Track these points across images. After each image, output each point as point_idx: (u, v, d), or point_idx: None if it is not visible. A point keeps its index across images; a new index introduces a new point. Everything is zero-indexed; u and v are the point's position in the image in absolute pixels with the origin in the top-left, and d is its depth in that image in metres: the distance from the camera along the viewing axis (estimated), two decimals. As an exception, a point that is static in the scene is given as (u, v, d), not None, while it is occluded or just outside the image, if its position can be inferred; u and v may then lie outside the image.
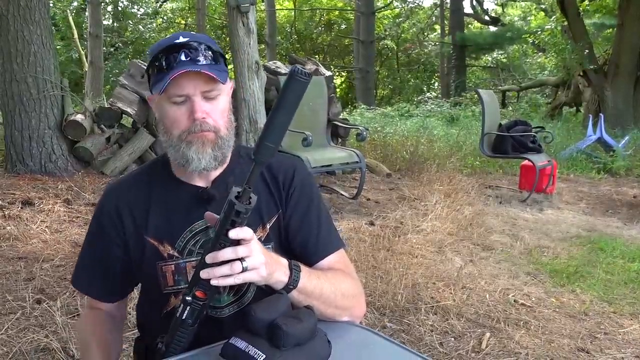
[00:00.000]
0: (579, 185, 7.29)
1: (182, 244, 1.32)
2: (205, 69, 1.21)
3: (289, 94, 1.00)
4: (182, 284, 1.32)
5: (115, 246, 1.36)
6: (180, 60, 1.21)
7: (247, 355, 1.06)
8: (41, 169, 5.37)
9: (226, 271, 1.08)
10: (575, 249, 4.53)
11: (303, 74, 0.98)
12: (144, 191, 1.36)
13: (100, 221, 1.39)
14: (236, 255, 1.08)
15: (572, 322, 3.21)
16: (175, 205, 1.34)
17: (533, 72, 20.98)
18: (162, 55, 1.23)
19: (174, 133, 1.28)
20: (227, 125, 1.31)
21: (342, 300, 1.32)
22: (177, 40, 1.24)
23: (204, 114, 1.24)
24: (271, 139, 1.02)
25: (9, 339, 2.70)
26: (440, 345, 2.89)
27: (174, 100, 1.24)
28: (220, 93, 1.28)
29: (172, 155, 1.31)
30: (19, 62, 5.29)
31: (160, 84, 1.22)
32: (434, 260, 4.04)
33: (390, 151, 7.73)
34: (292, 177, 1.39)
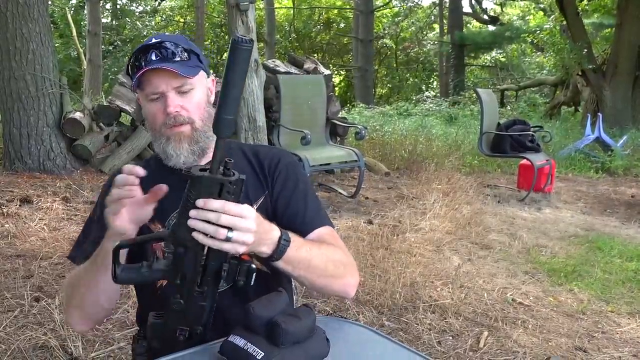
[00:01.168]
0: (577, 184, 7.30)
1: (171, 223, 1.37)
2: (172, 65, 1.29)
3: (236, 64, 0.99)
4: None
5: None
6: (150, 59, 1.30)
7: (246, 352, 1.06)
8: (40, 167, 5.37)
9: (209, 229, 1.05)
10: (573, 248, 4.53)
11: (244, 41, 0.98)
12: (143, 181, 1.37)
13: (100, 209, 1.38)
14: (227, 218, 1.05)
15: (569, 321, 3.22)
16: (168, 198, 1.33)
17: (532, 71, 21.01)
18: (137, 56, 1.33)
19: (155, 128, 1.37)
20: (203, 118, 1.37)
21: (333, 269, 1.32)
22: (150, 42, 1.33)
23: (176, 108, 1.33)
24: (227, 111, 1.02)
25: (7, 336, 2.70)
26: (439, 344, 2.89)
27: (151, 97, 1.34)
28: (194, 87, 1.35)
29: (156, 149, 1.40)
30: (17, 60, 5.29)
31: (134, 81, 1.33)
32: (432, 259, 4.04)
33: (389, 150, 7.74)
34: (277, 161, 1.45)
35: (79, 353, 2.60)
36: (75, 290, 1.35)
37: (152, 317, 1.21)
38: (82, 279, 1.32)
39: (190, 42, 1.40)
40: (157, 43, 1.32)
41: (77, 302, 1.35)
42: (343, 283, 1.36)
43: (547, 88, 17.41)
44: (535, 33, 16.88)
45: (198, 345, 1.20)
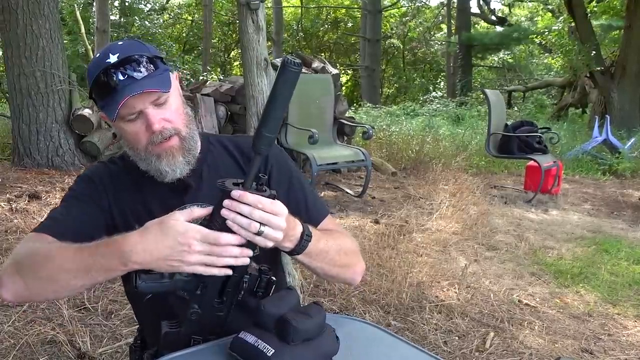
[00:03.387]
0: (584, 186, 7.28)
1: None
2: (147, 85, 1.21)
3: (282, 84, 1.01)
4: None
5: (100, 212, 1.33)
6: (119, 81, 1.21)
7: (257, 349, 1.07)
8: (48, 163, 5.40)
9: (242, 221, 1.06)
10: (579, 250, 4.52)
11: (294, 64, 0.99)
12: (124, 178, 1.37)
13: (87, 186, 1.36)
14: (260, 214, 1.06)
15: (576, 323, 3.21)
16: (152, 198, 1.36)
17: (539, 72, 20.94)
18: (101, 79, 1.23)
19: (139, 147, 1.29)
20: (186, 122, 1.31)
21: (346, 259, 1.35)
22: (108, 60, 1.22)
23: (161, 123, 1.25)
24: (269, 128, 1.03)
25: (16, 331, 2.72)
26: (445, 344, 2.89)
27: (128, 119, 1.25)
28: (169, 95, 1.27)
29: (144, 167, 1.32)
30: (27, 56, 5.31)
31: (109, 110, 1.22)
32: (438, 259, 4.04)
33: (396, 150, 7.71)
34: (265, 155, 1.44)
35: (87, 348, 2.62)
36: (44, 265, 1.15)
37: (167, 326, 1.20)
38: (66, 263, 1.13)
39: (145, 45, 1.31)
40: (118, 61, 1.22)
41: (39, 275, 1.15)
42: (353, 271, 1.39)
43: (555, 89, 17.34)
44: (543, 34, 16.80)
45: (209, 342, 1.21)
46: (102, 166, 1.42)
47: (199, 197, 1.34)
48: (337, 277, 1.38)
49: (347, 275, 1.39)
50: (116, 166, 1.40)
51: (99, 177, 1.37)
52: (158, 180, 1.33)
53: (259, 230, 1.06)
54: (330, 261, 1.30)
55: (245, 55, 2.95)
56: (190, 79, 12.18)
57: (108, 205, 1.34)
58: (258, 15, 2.80)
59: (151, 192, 1.35)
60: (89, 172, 1.40)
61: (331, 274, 1.34)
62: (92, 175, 1.38)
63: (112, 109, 1.21)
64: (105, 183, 1.35)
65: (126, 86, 1.20)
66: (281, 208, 1.10)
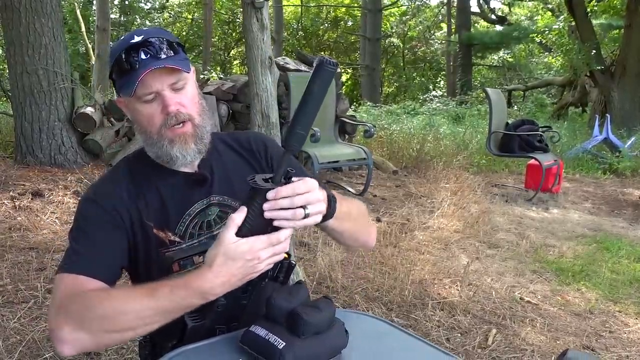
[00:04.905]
0: (585, 185, 7.29)
1: (183, 229, 1.34)
2: (168, 62, 1.23)
3: (317, 83, 1.03)
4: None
5: (120, 233, 1.30)
6: (142, 59, 1.22)
7: (267, 342, 1.08)
8: (51, 161, 5.40)
9: (287, 215, 1.09)
10: (580, 248, 4.53)
11: (331, 63, 1.00)
12: (132, 184, 1.34)
13: (100, 209, 1.30)
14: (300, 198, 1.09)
15: (577, 320, 3.23)
16: (168, 193, 1.35)
17: (539, 72, 20.93)
18: (122, 58, 1.24)
19: (152, 130, 1.29)
20: (200, 112, 1.32)
21: (363, 218, 1.42)
22: (133, 40, 1.24)
23: (176, 106, 1.26)
24: (302, 126, 1.05)
25: (22, 327, 2.73)
26: (447, 340, 2.91)
27: (145, 99, 1.25)
28: (187, 82, 1.28)
29: (154, 153, 1.33)
30: (30, 54, 5.31)
31: (128, 86, 1.23)
32: (440, 257, 4.05)
33: (397, 148, 7.72)
34: (262, 143, 1.47)
35: (93, 345, 2.63)
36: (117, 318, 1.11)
37: (191, 320, 1.20)
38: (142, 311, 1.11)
39: (170, 33, 1.34)
40: (142, 41, 1.24)
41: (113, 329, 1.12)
42: (370, 232, 1.46)
43: (555, 89, 17.37)
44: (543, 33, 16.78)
45: (219, 336, 1.22)
46: (108, 180, 1.37)
47: (213, 190, 1.37)
48: (360, 239, 1.41)
49: (367, 237, 1.44)
50: (116, 181, 1.35)
51: (106, 196, 1.31)
52: (172, 170, 1.33)
53: (305, 214, 1.10)
54: (355, 221, 1.34)
55: (249, 54, 2.96)
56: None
57: (122, 220, 1.30)
58: (262, 14, 2.81)
59: (166, 190, 1.35)
60: (95, 194, 1.33)
61: (356, 235, 1.38)
62: (100, 194, 1.32)
63: (131, 84, 1.21)
64: (115, 199, 1.30)
65: (148, 63, 1.22)
66: (312, 182, 1.12)
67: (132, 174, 1.35)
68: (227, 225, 1.09)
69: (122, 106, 1.35)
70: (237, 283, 1.11)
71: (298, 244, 3.98)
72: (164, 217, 1.32)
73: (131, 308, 1.11)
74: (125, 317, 1.11)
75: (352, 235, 1.36)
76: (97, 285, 1.21)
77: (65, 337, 1.11)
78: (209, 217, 1.36)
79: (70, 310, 1.13)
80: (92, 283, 1.21)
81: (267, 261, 1.11)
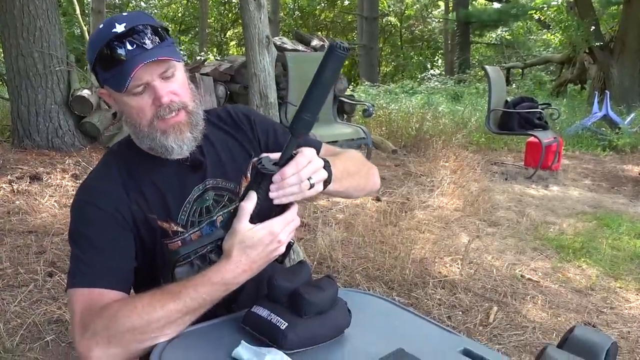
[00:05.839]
0: (585, 162, 7.28)
1: (185, 218, 1.31)
2: (158, 53, 1.17)
3: (327, 68, 1.00)
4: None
5: (125, 233, 1.25)
6: (128, 50, 1.16)
7: (270, 323, 1.08)
8: (48, 144, 5.37)
9: (295, 190, 1.09)
10: (581, 225, 4.54)
11: (342, 48, 0.98)
12: (127, 178, 1.29)
13: (96, 213, 1.23)
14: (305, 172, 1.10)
15: (578, 297, 3.24)
16: (164, 183, 1.30)
17: (538, 49, 20.81)
18: (106, 50, 1.17)
19: (142, 123, 1.23)
20: (192, 97, 1.28)
21: (362, 167, 1.41)
22: (115, 30, 1.17)
23: (169, 96, 1.21)
24: (309, 111, 1.03)
25: (22, 310, 2.74)
26: (448, 318, 2.92)
27: (134, 92, 1.20)
28: (176, 68, 1.23)
29: (147, 145, 1.27)
30: (24, 37, 5.25)
31: (116, 80, 1.17)
32: (440, 235, 4.05)
33: (396, 128, 7.68)
34: (243, 113, 1.45)
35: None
36: (146, 329, 1.09)
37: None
38: (170, 316, 1.09)
39: (150, 16, 1.26)
40: (126, 30, 1.17)
41: (144, 338, 1.09)
42: (372, 176, 1.46)
43: (554, 66, 17.22)
44: (541, 10, 16.67)
45: (222, 317, 1.20)
46: (102, 178, 1.29)
47: (207, 174, 1.34)
48: (365, 188, 1.43)
49: (371, 184, 1.45)
50: (109, 176, 1.29)
51: (104, 196, 1.25)
52: (164, 159, 1.28)
53: (311, 185, 1.10)
54: (354, 175, 1.34)
55: (246, 33, 2.93)
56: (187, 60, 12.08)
57: (125, 220, 1.25)
58: (259, -8, 2.78)
59: (162, 179, 1.30)
60: (92, 196, 1.26)
61: (360, 187, 1.39)
62: (97, 195, 1.25)
63: (122, 79, 1.16)
64: (113, 199, 1.25)
65: (136, 55, 1.15)
66: (311, 152, 1.12)
67: (124, 168, 1.30)
68: (239, 215, 1.09)
69: (106, 98, 1.28)
70: (259, 268, 1.12)
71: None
72: (165, 208, 1.29)
73: (158, 315, 1.09)
74: (155, 324, 1.09)
75: (355, 189, 1.37)
76: (115, 296, 1.17)
77: (99, 358, 1.09)
78: (206, 202, 1.33)
79: (96, 329, 1.09)
80: (109, 295, 1.17)
81: (286, 241, 1.13)
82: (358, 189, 1.39)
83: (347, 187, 1.31)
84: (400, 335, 1.18)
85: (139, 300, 1.13)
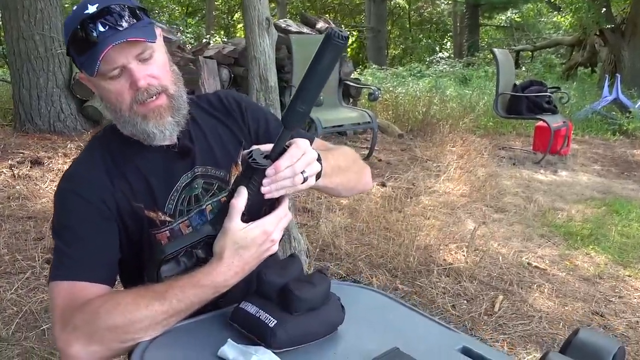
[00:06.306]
0: (594, 146, 7.21)
1: (172, 206, 1.26)
2: (131, 34, 1.12)
3: (324, 57, 0.94)
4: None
5: (109, 223, 1.21)
6: (100, 32, 1.11)
7: (258, 320, 1.04)
8: (50, 128, 5.33)
9: (287, 184, 1.05)
10: (589, 212, 4.49)
11: (340, 37, 0.92)
12: (111, 165, 1.24)
13: (79, 203, 1.19)
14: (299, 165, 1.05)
15: (586, 285, 3.19)
16: (150, 170, 1.26)
17: (548, 31, 20.61)
18: (79, 32, 1.12)
19: (122, 108, 1.19)
20: (174, 80, 1.23)
21: (354, 165, 1.35)
22: (87, 11, 1.12)
23: (146, 79, 1.16)
24: (303, 103, 0.98)
25: (19, 298, 2.71)
26: (453, 307, 2.88)
27: (110, 75, 1.15)
28: (154, 50, 1.18)
29: (129, 131, 1.22)
30: (25, 20, 5.19)
31: (89, 64, 1.12)
32: (446, 222, 4.01)
33: (402, 112, 7.61)
34: (234, 99, 1.40)
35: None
36: (129, 327, 1.05)
37: None
38: (156, 317, 1.05)
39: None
40: (98, 11, 1.12)
41: (126, 338, 1.06)
42: (364, 175, 1.40)
43: (564, 49, 17.07)
44: (552, -9, 16.47)
45: (207, 313, 1.16)
46: (85, 166, 1.25)
47: (197, 161, 1.29)
48: (356, 187, 1.38)
49: (363, 181, 1.39)
50: (92, 164, 1.24)
51: (87, 184, 1.20)
52: (147, 145, 1.24)
53: (304, 178, 1.06)
54: (345, 172, 1.28)
55: (246, 15, 2.86)
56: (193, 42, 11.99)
57: (109, 209, 1.21)
58: (258, -28, 2.70)
59: (148, 167, 1.26)
60: (74, 184, 1.21)
61: (350, 185, 1.33)
62: (80, 184, 1.21)
63: (93, 63, 1.11)
64: (97, 187, 1.20)
65: (108, 37, 1.10)
66: (304, 143, 1.07)
67: (108, 155, 1.25)
68: (231, 214, 1.04)
69: (86, 82, 1.23)
70: (250, 270, 1.09)
71: (301, 210, 3.94)
72: (151, 197, 1.25)
73: (142, 315, 1.05)
74: (139, 324, 1.05)
75: (345, 188, 1.31)
76: (98, 290, 1.14)
77: (78, 354, 1.05)
78: (195, 190, 1.29)
79: (76, 324, 1.06)
80: (92, 288, 1.13)
81: (279, 239, 1.10)
82: (348, 187, 1.33)
83: (337, 183, 1.25)
84: (396, 331, 1.14)
85: (122, 298, 1.09)
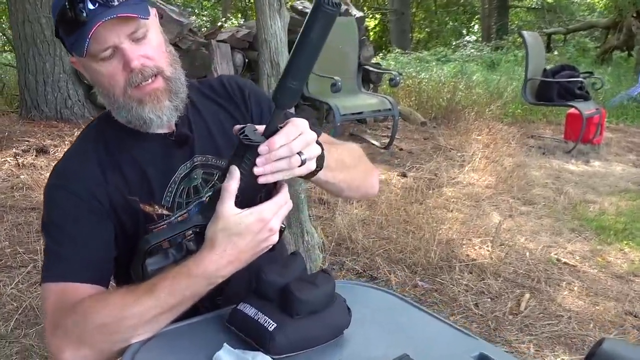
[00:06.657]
0: (629, 135, 7.09)
1: (170, 199, 1.21)
2: (122, 10, 1.06)
3: (314, 27, 0.88)
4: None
5: (104, 219, 1.16)
6: (89, 10, 1.04)
7: (257, 323, 0.99)
8: (57, 115, 5.29)
9: (283, 165, 0.97)
10: (623, 204, 4.42)
11: (331, 3, 0.86)
12: (104, 155, 1.19)
13: (70, 199, 1.15)
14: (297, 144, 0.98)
15: (619, 283, 3.10)
16: (146, 160, 1.21)
17: (582, 13, 20.28)
18: (68, 10, 1.06)
19: (116, 92, 1.13)
20: (170, 61, 1.16)
21: (360, 163, 1.30)
22: None
23: (140, 60, 1.10)
24: (293, 78, 0.92)
25: (19, 293, 2.69)
26: (476, 306, 2.81)
27: (101, 57, 1.09)
28: (148, 29, 1.12)
29: (123, 117, 1.17)
30: (31, 2, 5.13)
31: (78, 45, 1.07)
32: (470, 215, 3.97)
33: (426, 98, 7.55)
34: (236, 84, 1.35)
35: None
36: (118, 327, 1.01)
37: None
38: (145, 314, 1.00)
39: None
40: None
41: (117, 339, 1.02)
42: (371, 176, 1.35)
43: (598, 31, 16.73)
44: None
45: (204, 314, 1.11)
46: (76, 158, 1.20)
47: (196, 150, 1.24)
48: (360, 188, 1.31)
49: (368, 182, 1.33)
50: (91, 147, 1.20)
51: (78, 178, 1.15)
52: (145, 133, 1.19)
53: (302, 160, 0.98)
54: (350, 169, 1.23)
55: (257, -5, 2.74)
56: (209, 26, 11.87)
57: (102, 204, 1.15)
58: (269, -49, 2.57)
59: (144, 157, 1.21)
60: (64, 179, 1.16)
61: (354, 185, 1.27)
62: (70, 178, 1.16)
63: (82, 42, 1.05)
64: (88, 181, 1.15)
65: (98, 15, 1.04)
66: (302, 122, 1.00)
67: (102, 145, 1.20)
68: (223, 197, 0.98)
69: (77, 67, 1.18)
70: (247, 260, 1.02)
71: (316, 201, 3.90)
72: (147, 189, 1.20)
73: (132, 312, 1.00)
74: (128, 322, 1.00)
75: (349, 186, 1.24)
76: (91, 291, 1.09)
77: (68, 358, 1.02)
78: (194, 181, 1.24)
79: (67, 327, 1.03)
80: (85, 289, 1.09)
81: (278, 229, 1.03)
82: (352, 186, 1.25)
83: (340, 180, 1.19)
84: (407, 336, 1.09)
85: (112, 295, 1.08)
